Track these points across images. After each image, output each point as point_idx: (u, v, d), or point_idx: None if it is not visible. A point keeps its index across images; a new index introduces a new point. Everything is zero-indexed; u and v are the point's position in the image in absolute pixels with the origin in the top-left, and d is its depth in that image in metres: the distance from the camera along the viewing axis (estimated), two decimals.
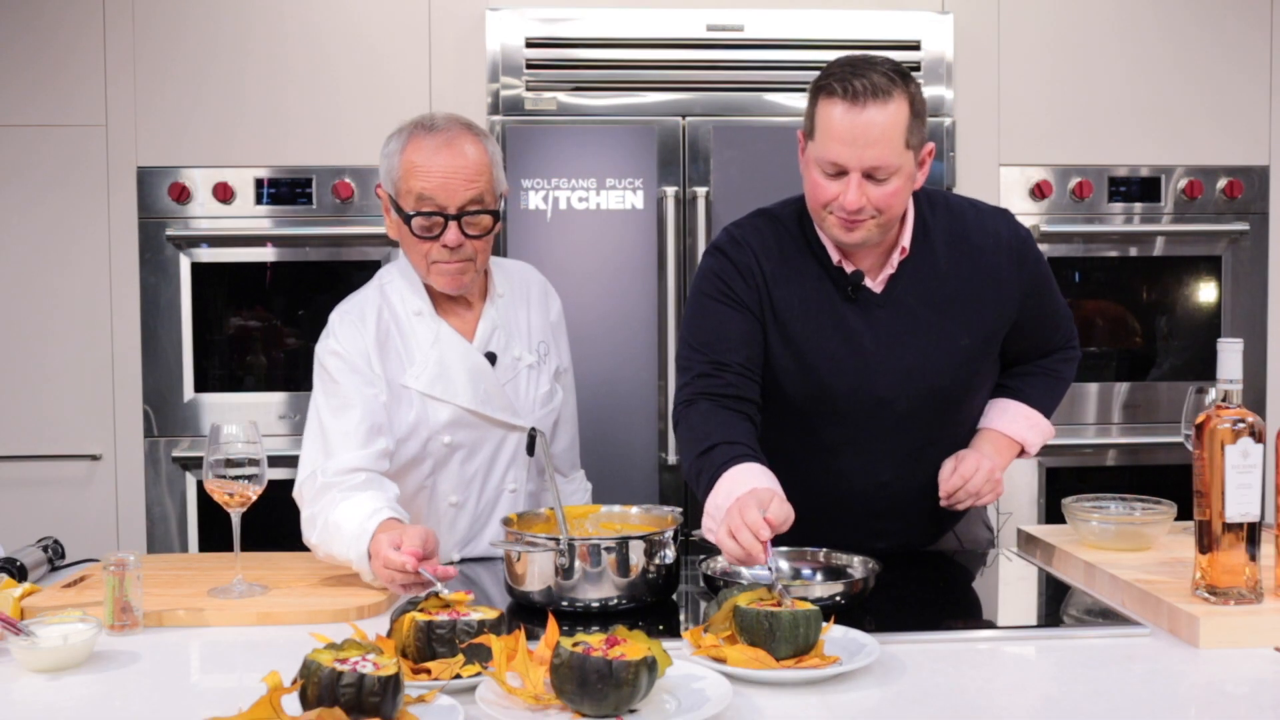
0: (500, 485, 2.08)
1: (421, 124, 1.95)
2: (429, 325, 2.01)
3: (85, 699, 1.39)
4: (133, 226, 3.21)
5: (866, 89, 1.73)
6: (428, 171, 1.90)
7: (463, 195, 1.91)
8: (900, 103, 1.75)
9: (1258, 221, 3.39)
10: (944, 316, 1.90)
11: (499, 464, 2.07)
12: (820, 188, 1.80)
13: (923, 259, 1.90)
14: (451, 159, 1.90)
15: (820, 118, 1.78)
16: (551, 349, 2.16)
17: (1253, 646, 1.52)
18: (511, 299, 2.12)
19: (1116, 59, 3.36)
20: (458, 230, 1.92)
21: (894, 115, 1.74)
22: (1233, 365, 1.59)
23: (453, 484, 2.04)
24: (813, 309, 1.89)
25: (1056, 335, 2.08)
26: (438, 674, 1.36)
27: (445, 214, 1.91)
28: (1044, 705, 1.35)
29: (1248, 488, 1.56)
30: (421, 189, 1.90)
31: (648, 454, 3.09)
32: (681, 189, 3.10)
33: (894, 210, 1.81)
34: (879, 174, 1.76)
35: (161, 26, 3.20)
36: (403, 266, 2.06)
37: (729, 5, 3.21)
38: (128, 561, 1.61)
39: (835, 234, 1.83)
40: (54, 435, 3.23)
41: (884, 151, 1.74)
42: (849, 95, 1.73)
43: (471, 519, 2.08)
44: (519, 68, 3.13)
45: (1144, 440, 3.35)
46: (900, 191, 1.79)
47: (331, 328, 2.00)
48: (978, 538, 2.18)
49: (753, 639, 1.44)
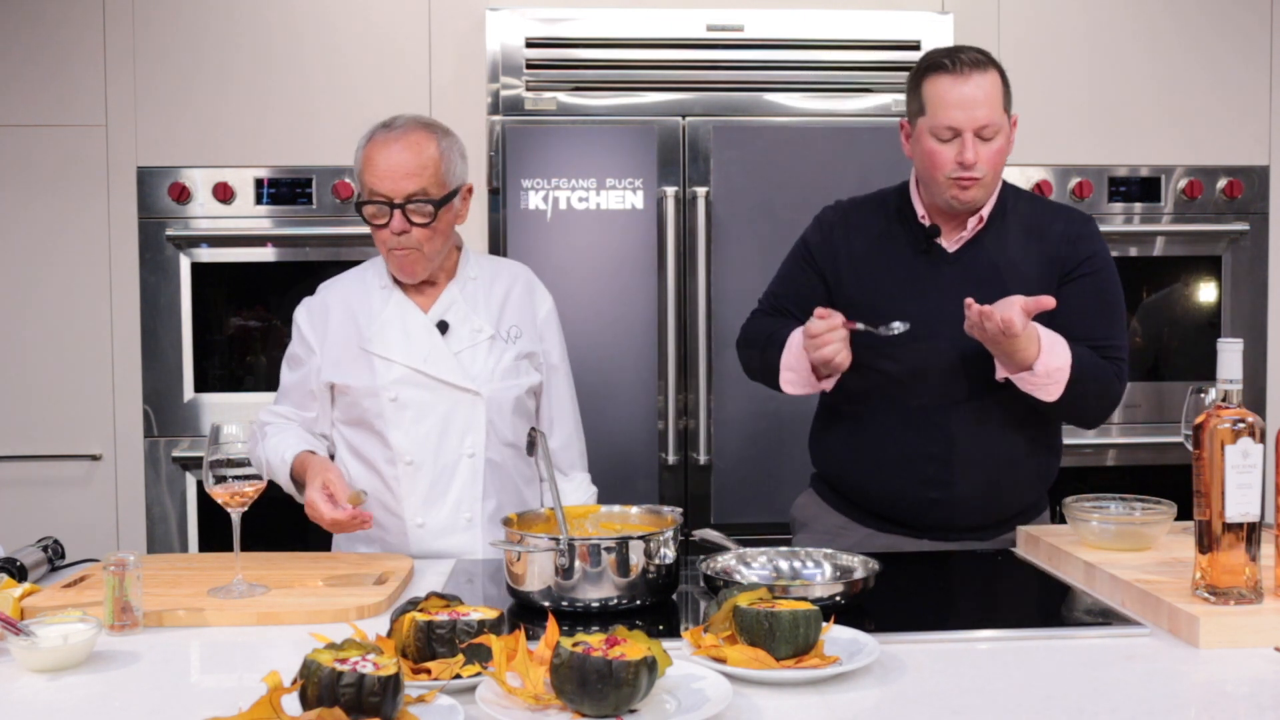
0: (458, 449, 2.17)
1: (384, 124, 2.14)
2: (385, 295, 2.21)
3: (85, 699, 1.39)
4: (133, 226, 3.21)
5: (969, 61, 2.00)
6: (377, 165, 2.09)
7: (405, 187, 2.08)
8: (994, 72, 2.02)
9: (1258, 221, 3.39)
10: (1004, 279, 2.06)
11: (453, 427, 2.16)
12: (937, 154, 2.02)
13: (997, 234, 2.10)
14: (399, 154, 2.08)
15: (930, 93, 2.02)
16: (526, 336, 2.24)
17: (1253, 646, 1.52)
18: (486, 283, 2.25)
19: (1117, 59, 3.36)
20: (401, 218, 2.09)
21: (993, 80, 2.01)
22: (1233, 365, 1.59)
23: (407, 443, 2.15)
24: (888, 255, 2.13)
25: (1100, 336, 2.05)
26: (438, 674, 1.36)
27: (391, 203, 2.09)
28: (1044, 705, 1.35)
29: (1248, 488, 1.56)
30: (372, 182, 2.10)
31: (648, 454, 3.09)
32: (681, 189, 3.10)
33: (998, 169, 2.04)
34: (986, 132, 1.99)
35: (161, 26, 3.20)
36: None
37: (729, 5, 3.21)
38: (128, 561, 1.61)
39: (952, 195, 2.03)
40: (54, 435, 3.23)
41: (990, 111, 1.99)
42: (956, 67, 1.99)
43: (431, 480, 2.16)
44: (519, 68, 3.13)
45: (1144, 440, 3.36)
46: (1003, 151, 2.03)
47: (315, 294, 2.27)
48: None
49: (753, 639, 1.44)
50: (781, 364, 2.12)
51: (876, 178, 2.42)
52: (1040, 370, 1.95)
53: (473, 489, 2.17)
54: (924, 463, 2.09)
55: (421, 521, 2.16)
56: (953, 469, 2.08)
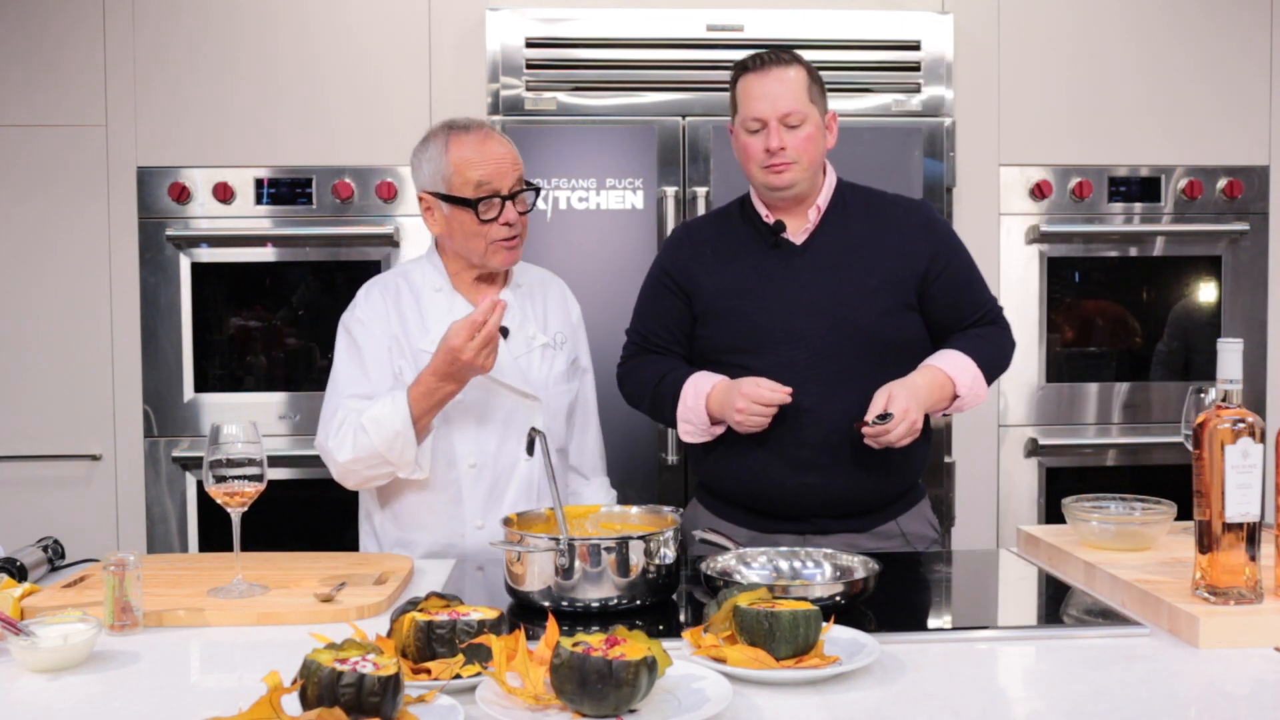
0: (515, 453, 2.19)
1: (453, 126, 2.17)
2: (446, 298, 2.21)
3: (85, 699, 1.39)
4: (133, 226, 3.21)
5: (770, 59, 2.13)
6: (482, 161, 2.12)
7: (512, 177, 2.15)
8: (798, 66, 2.14)
9: (1258, 221, 3.39)
10: (855, 263, 2.17)
11: (512, 431, 2.18)
12: (749, 145, 2.14)
13: (838, 221, 2.21)
14: (496, 148, 2.15)
15: (740, 92, 2.15)
16: (569, 342, 2.30)
17: (1253, 646, 1.52)
18: (530, 290, 2.29)
19: (1117, 59, 3.36)
20: (512, 208, 2.14)
21: (796, 73, 2.13)
22: (1233, 365, 1.59)
23: (469, 445, 2.17)
24: (740, 258, 2.21)
25: (978, 306, 2.23)
26: (438, 674, 1.36)
27: (501, 195, 2.13)
28: (1044, 705, 1.35)
29: (1248, 488, 1.56)
30: (480, 177, 2.12)
31: (648, 454, 3.09)
32: (681, 189, 3.10)
33: (812, 156, 2.14)
34: (791, 119, 2.10)
35: (161, 26, 3.20)
36: (427, 257, 2.26)
37: (729, 5, 3.21)
38: (128, 561, 1.61)
39: (767, 181, 2.14)
40: (54, 435, 3.23)
41: (792, 100, 2.10)
42: (758, 64, 2.14)
43: (491, 482, 2.18)
44: (519, 68, 3.13)
45: (1144, 440, 3.36)
46: (814, 139, 2.13)
47: (357, 299, 2.23)
48: (923, 534, 2.22)
49: (753, 639, 1.44)
50: (679, 416, 2.16)
51: (876, 177, 2.42)
52: (965, 393, 2.12)
53: (529, 492, 2.19)
54: (797, 449, 2.11)
55: (481, 524, 2.17)
56: (826, 453, 2.11)
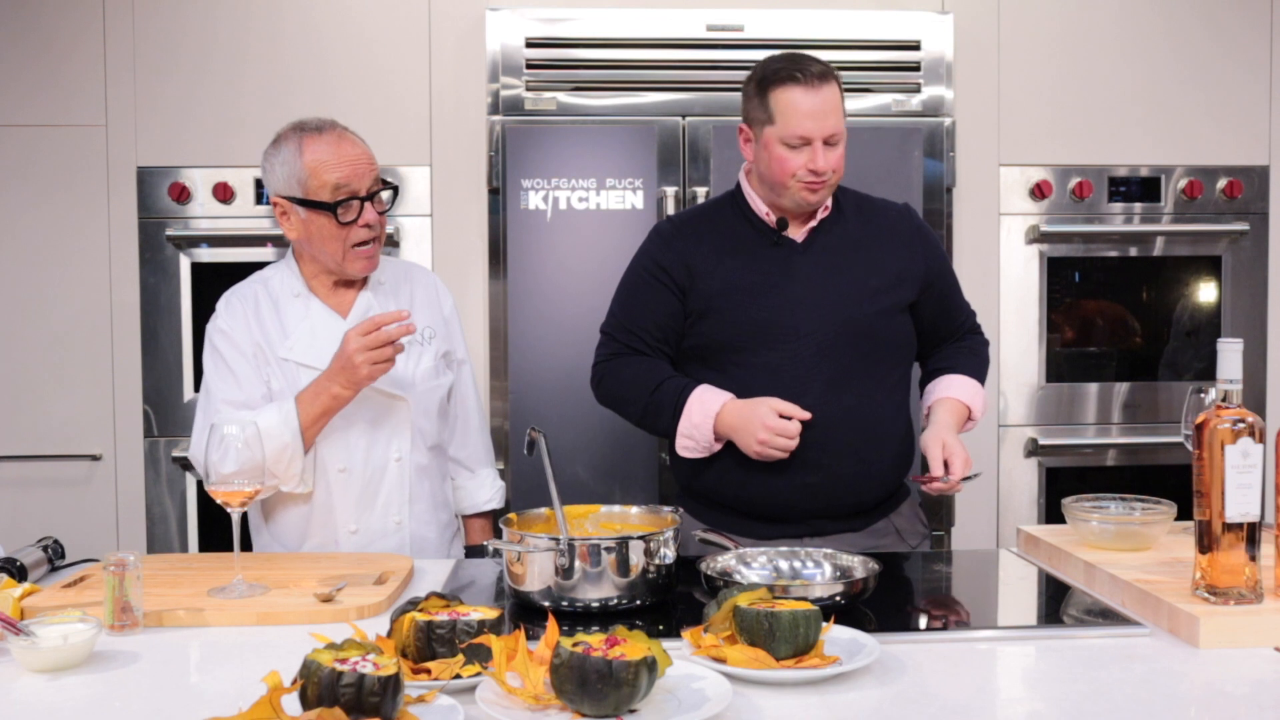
0: (385, 454, 2.17)
1: (304, 127, 2.12)
2: (304, 303, 2.18)
3: (85, 699, 1.39)
4: (133, 226, 3.21)
5: (818, 73, 2.08)
6: (338, 163, 2.08)
7: (369, 177, 2.12)
8: (836, 83, 2.11)
9: (1258, 221, 3.39)
10: (856, 263, 2.17)
11: (381, 432, 2.17)
12: (788, 160, 2.08)
13: (836, 221, 2.21)
14: (351, 149, 2.11)
15: (782, 103, 2.08)
16: (439, 336, 2.28)
17: (1253, 646, 1.52)
18: (393, 287, 2.26)
19: (1117, 59, 3.36)
20: (372, 209, 2.11)
21: (837, 91, 2.10)
22: (1233, 365, 1.59)
23: (336, 450, 2.14)
24: (739, 254, 2.17)
25: (963, 312, 2.31)
26: (438, 674, 1.36)
27: (358, 196, 2.09)
28: (1044, 705, 1.35)
29: (1248, 488, 1.56)
30: (337, 179, 2.08)
31: (648, 454, 3.09)
32: (681, 189, 3.10)
33: (841, 171, 2.13)
34: (833, 139, 2.09)
35: (161, 27, 3.20)
36: (285, 262, 2.23)
37: (729, 5, 3.21)
38: (128, 561, 1.61)
39: (804, 199, 2.11)
40: (54, 435, 3.23)
41: (837, 121, 2.09)
42: (807, 79, 2.06)
43: (361, 486, 2.16)
44: (519, 68, 3.13)
45: (1144, 440, 3.36)
46: (843, 155, 2.13)
47: (218, 309, 2.19)
48: (915, 529, 2.24)
49: (753, 639, 1.44)
50: (680, 432, 2.12)
51: (876, 177, 2.43)
52: (977, 416, 2.21)
53: (400, 493, 2.19)
54: (798, 449, 2.08)
55: (354, 528, 2.17)
56: (825, 451, 2.10)
